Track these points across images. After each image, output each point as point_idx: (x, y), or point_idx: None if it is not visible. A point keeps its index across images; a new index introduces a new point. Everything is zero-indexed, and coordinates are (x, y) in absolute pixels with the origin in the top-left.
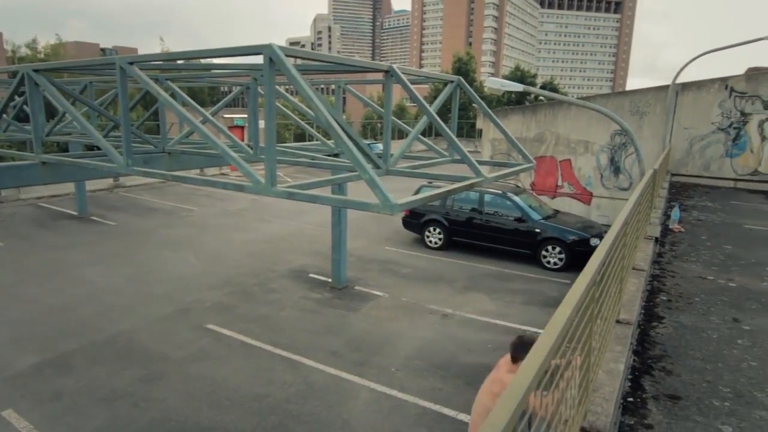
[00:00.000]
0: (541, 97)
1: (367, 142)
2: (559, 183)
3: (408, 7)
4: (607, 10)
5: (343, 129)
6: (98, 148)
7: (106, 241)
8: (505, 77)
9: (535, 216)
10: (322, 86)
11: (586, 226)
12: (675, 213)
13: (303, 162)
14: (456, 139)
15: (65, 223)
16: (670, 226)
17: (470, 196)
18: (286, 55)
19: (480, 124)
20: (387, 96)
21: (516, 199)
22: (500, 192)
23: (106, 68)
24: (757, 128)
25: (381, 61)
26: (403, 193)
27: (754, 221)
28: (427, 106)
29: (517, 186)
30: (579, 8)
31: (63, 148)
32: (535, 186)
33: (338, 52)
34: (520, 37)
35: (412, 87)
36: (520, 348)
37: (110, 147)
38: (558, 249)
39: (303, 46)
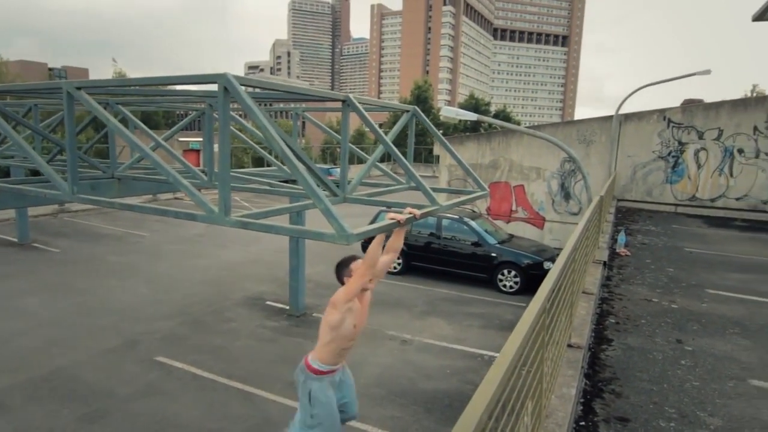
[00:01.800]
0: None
1: (326, 166)
2: (514, 208)
3: (366, 35)
4: (555, 44)
5: (298, 157)
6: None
7: (49, 270)
8: (461, 105)
9: (491, 240)
10: (282, 110)
11: (539, 249)
12: (621, 237)
13: (259, 189)
14: (412, 168)
15: (4, 250)
16: (617, 250)
17: (428, 221)
18: (242, 84)
19: (437, 150)
20: (344, 125)
21: (472, 224)
22: (457, 217)
23: (53, 92)
24: (693, 156)
25: (341, 86)
26: (362, 218)
27: (694, 244)
28: (383, 135)
29: (474, 211)
30: (529, 41)
31: (5, 172)
32: (491, 211)
33: (297, 77)
34: (475, 66)
35: (368, 116)
36: (337, 269)
37: (54, 173)
38: (513, 272)
39: (262, 70)
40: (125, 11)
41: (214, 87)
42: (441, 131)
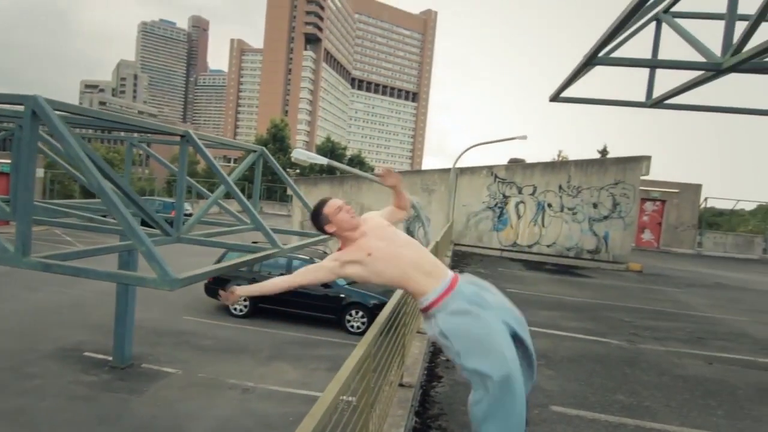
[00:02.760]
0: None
1: (171, 200)
2: None
3: (225, 68)
4: (406, 98)
5: (122, 190)
6: None
7: None
8: (318, 146)
9: (340, 281)
10: (119, 138)
11: (386, 290)
12: None
13: (74, 224)
14: (253, 208)
15: None
16: None
17: (279, 261)
18: (55, 109)
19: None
20: (182, 160)
21: None
22: (308, 258)
23: None
24: (514, 208)
25: (194, 116)
26: (206, 257)
27: (514, 285)
28: (224, 174)
29: (325, 252)
30: (384, 93)
31: None
32: None
33: (145, 102)
34: (333, 111)
35: (209, 153)
36: (314, 221)
37: None
38: (360, 313)
39: (102, 90)
40: None
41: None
42: (297, 170)
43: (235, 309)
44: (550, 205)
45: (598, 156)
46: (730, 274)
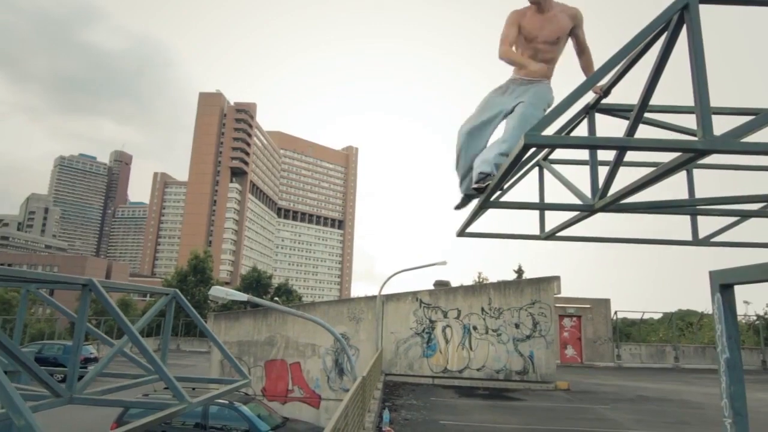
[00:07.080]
0: (276, 298)
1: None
2: (290, 387)
3: (146, 200)
4: (333, 226)
5: (5, 347)
6: None
7: None
8: (243, 276)
9: (263, 427)
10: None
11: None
12: (385, 416)
13: None
14: (159, 360)
15: None
16: (383, 429)
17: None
18: None
19: (212, 324)
20: (82, 310)
21: (243, 409)
22: (227, 402)
23: None
24: (441, 333)
25: (108, 249)
26: (110, 408)
27: (447, 416)
28: (129, 323)
29: (246, 394)
30: (310, 222)
31: None
32: (266, 392)
33: (54, 235)
34: (259, 240)
35: (113, 303)
36: None
37: None
38: None
39: (6, 224)
40: None
41: None
42: (219, 303)
43: None
44: (475, 328)
45: (515, 276)
46: (649, 385)
